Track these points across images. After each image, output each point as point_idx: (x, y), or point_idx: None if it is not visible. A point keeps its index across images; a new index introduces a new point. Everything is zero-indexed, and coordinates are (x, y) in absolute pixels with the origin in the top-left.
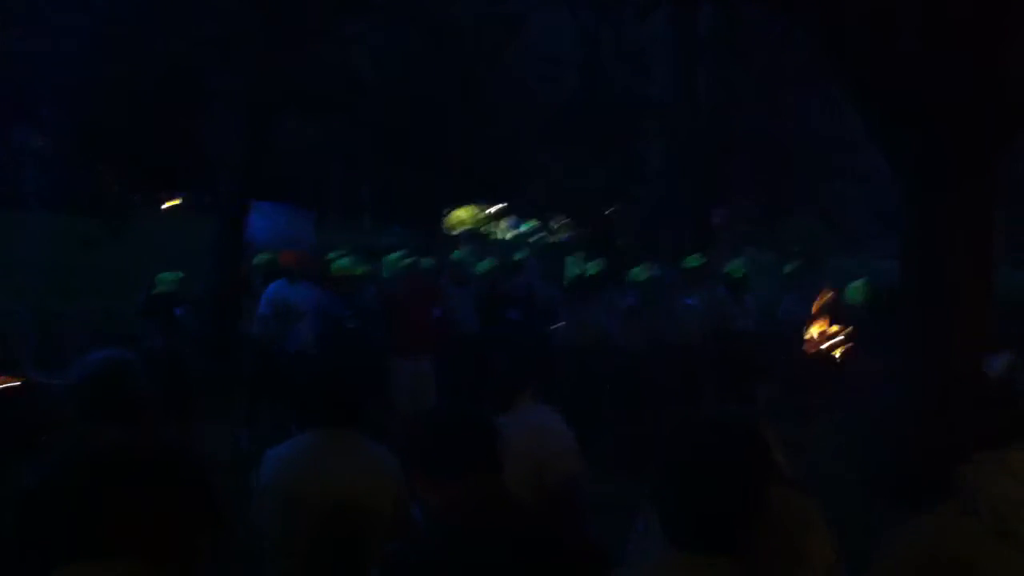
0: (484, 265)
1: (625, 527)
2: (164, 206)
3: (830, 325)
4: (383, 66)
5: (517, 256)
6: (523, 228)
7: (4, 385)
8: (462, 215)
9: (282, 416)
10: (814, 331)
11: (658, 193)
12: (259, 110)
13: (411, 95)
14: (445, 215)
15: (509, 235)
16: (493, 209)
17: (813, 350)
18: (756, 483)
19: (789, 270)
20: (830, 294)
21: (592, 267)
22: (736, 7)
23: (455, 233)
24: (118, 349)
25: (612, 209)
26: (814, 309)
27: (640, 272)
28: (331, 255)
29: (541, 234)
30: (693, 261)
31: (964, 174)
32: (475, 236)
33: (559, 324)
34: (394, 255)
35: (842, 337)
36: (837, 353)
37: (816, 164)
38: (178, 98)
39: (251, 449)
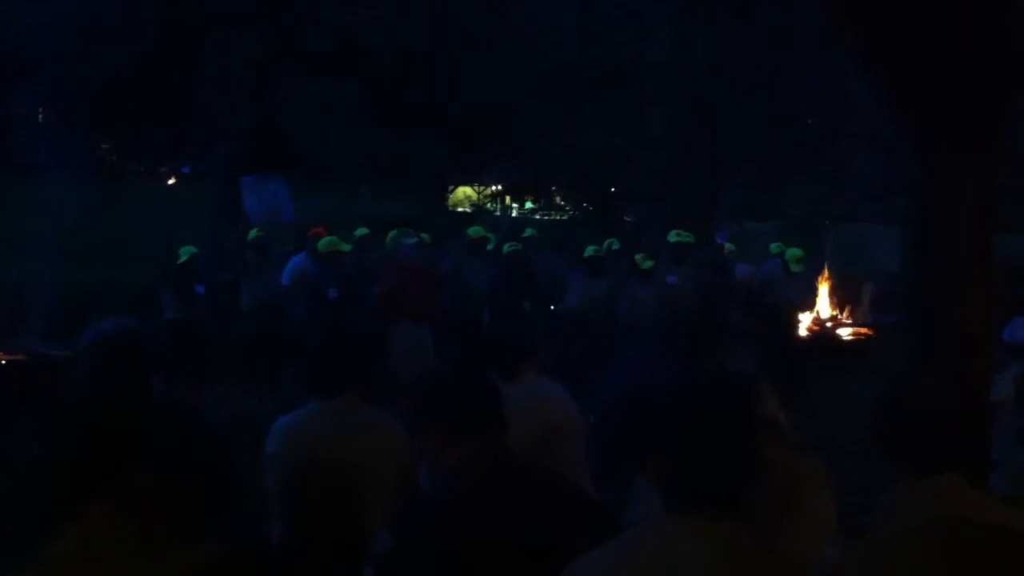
0: (506, 247)
1: (628, 489)
2: (170, 182)
3: (841, 310)
4: (381, 28)
5: (525, 233)
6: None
7: (9, 359)
8: (466, 192)
9: (284, 383)
10: (821, 312)
11: (659, 158)
12: (257, 71)
13: (410, 57)
14: (449, 192)
15: (514, 212)
16: (496, 187)
17: (817, 330)
18: (751, 443)
19: (796, 268)
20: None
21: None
22: None
23: (460, 210)
24: (126, 318)
25: (613, 188)
26: (821, 288)
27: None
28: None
29: (546, 212)
30: (673, 237)
31: (970, 132)
32: (481, 212)
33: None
34: (396, 231)
35: (851, 321)
36: (847, 336)
37: (818, 126)
38: (177, 60)
39: (255, 416)
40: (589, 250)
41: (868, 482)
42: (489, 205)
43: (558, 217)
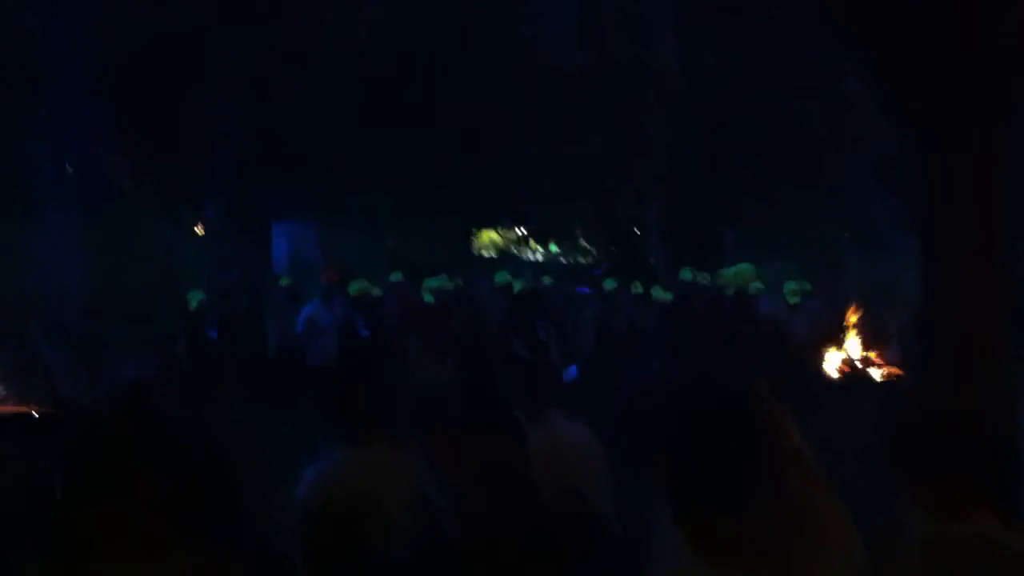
0: (518, 284)
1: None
2: (197, 227)
3: (868, 347)
4: (383, 36)
5: (545, 279)
6: (553, 250)
7: (39, 412)
8: (491, 237)
9: (305, 428)
10: (848, 350)
11: (661, 167)
12: (261, 85)
13: (409, 60)
14: (474, 236)
15: (540, 256)
16: (521, 231)
17: (847, 370)
18: (776, 475)
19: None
20: (858, 312)
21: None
22: None
23: (485, 254)
24: (142, 369)
25: (637, 230)
26: (847, 326)
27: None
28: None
29: (568, 254)
30: (687, 274)
31: (972, 134)
32: (506, 256)
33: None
34: (435, 279)
35: (880, 361)
36: (876, 374)
37: (822, 135)
38: (184, 79)
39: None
40: (609, 283)
41: (879, 502)
42: (514, 249)
43: (584, 261)
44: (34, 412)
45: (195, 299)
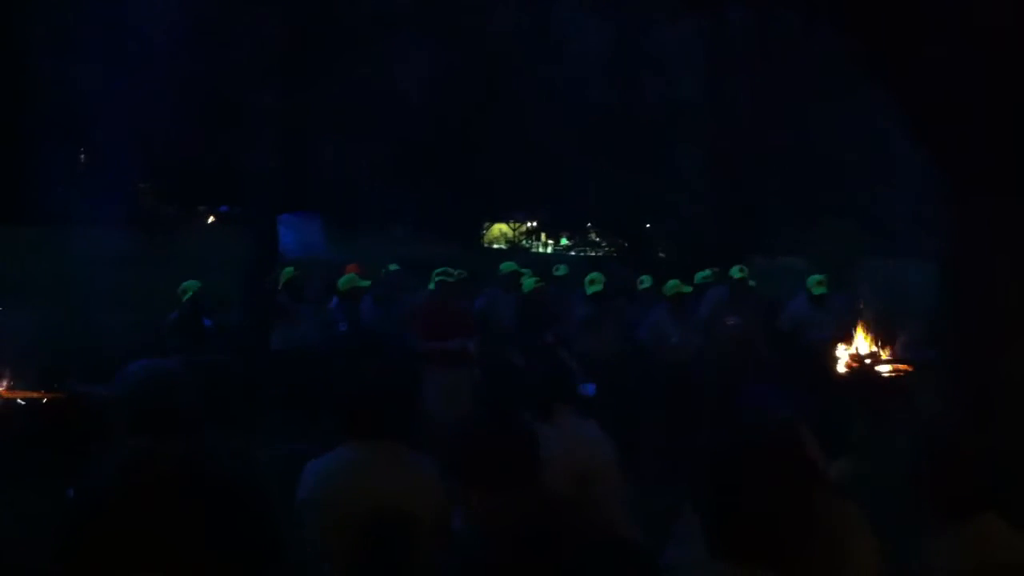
0: (529, 283)
1: (663, 534)
2: (209, 220)
3: (880, 345)
4: (417, 81)
5: (557, 271)
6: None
7: (50, 397)
8: (502, 229)
9: (311, 425)
10: (859, 348)
11: (691, 200)
12: (293, 128)
13: (442, 103)
14: (485, 229)
15: (550, 248)
16: (531, 224)
17: (856, 366)
18: (799, 488)
19: (819, 291)
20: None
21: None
22: (767, 11)
23: (496, 247)
24: (161, 359)
25: (649, 225)
26: (858, 326)
27: (673, 286)
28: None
29: (581, 248)
30: (736, 273)
31: (1008, 171)
32: (516, 249)
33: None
34: (440, 269)
35: (892, 359)
36: (886, 372)
37: (848, 167)
38: (215, 117)
39: (281, 458)
40: (594, 278)
41: (907, 524)
42: (524, 242)
43: (593, 253)
44: (44, 398)
45: (190, 290)
